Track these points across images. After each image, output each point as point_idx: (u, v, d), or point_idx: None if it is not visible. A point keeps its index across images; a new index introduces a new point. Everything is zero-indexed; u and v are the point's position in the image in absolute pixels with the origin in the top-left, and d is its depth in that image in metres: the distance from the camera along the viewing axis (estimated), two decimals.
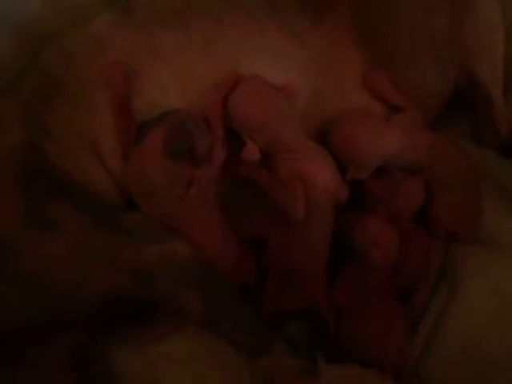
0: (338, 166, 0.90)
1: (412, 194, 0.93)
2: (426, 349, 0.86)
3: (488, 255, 0.91)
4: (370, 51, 0.94)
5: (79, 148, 0.84)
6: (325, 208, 0.85)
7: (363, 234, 0.88)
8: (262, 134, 0.84)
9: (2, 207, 0.76)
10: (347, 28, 0.94)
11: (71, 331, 0.72)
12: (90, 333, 0.72)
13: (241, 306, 0.76)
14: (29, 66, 0.91)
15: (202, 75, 0.87)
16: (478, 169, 0.97)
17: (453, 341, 0.85)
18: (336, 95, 0.95)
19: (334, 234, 0.89)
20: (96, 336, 0.71)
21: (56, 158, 0.82)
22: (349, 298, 0.86)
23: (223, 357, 0.74)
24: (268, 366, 0.74)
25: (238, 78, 0.86)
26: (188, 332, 0.74)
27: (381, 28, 0.94)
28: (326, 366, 0.75)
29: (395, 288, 0.90)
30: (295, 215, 0.83)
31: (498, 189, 0.97)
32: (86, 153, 0.84)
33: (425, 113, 0.97)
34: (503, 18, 0.91)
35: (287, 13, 0.92)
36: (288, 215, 0.83)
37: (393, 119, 0.94)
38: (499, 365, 0.82)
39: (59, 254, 0.73)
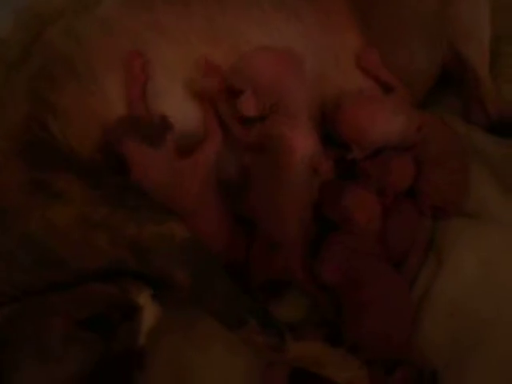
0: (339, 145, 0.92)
1: (402, 170, 0.95)
2: (416, 317, 0.88)
3: (475, 227, 0.93)
4: (363, 30, 0.95)
5: (87, 127, 0.85)
6: (300, 177, 0.86)
7: (348, 198, 0.90)
8: (269, 92, 0.83)
9: (8, 177, 0.79)
10: (343, 6, 0.95)
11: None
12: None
13: (225, 284, 0.79)
14: (35, 45, 0.93)
15: (204, 53, 0.88)
16: (466, 146, 0.98)
17: (441, 308, 0.87)
18: (335, 72, 0.95)
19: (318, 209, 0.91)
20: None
21: (60, 135, 0.84)
22: (343, 274, 0.88)
23: None
24: (242, 338, 0.79)
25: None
26: None
27: (371, 8, 0.95)
28: (292, 342, 0.79)
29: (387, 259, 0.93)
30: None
31: (485, 165, 0.98)
32: (93, 132, 0.85)
33: (414, 92, 0.97)
34: None
35: None
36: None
37: (394, 101, 0.94)
38: (486, 330, 0.85)
39: (63, 223, 0.76)
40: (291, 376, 0.83)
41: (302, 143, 0.86)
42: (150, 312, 0.75)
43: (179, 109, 0.87)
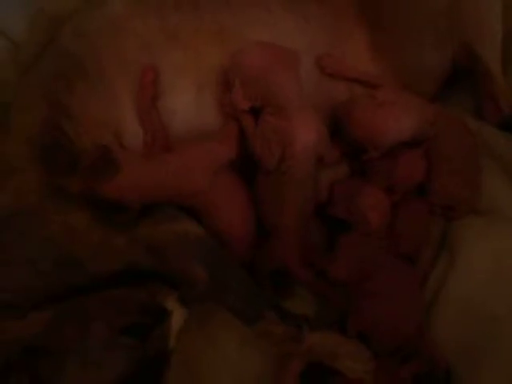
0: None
1: (410, 165, 0.95)
2: (428, 314, 0.89)
3: (486, 224, 0.93)
4: (371, 29, 0.95)
5: (99, 130, 0.86)
6: (302, 167, 0.87)
7: (363, 199, 0.91)
8: (255, 83, 0.84)
9: (26, 181, 0.80)
10: (350, 5, 0.96)
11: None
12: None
13: (241, 279, 0.81)
14: (47, 47, 0.94)
15: (213, 56, 0.89)
16: (478, 142, 0.98)
17: (453, 305, 0.88)
18: None
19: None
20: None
21: (76, 138, 0.85)
22: (350, 273, 0.89)
23: None
24: (260, 331, 0.80)
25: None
26: None
27: (379, 6, 0.95)
28: (309, 332, 0.80)
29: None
30: (266, 165, 0.86)
31: (496, 162, 0.98)
32: (105, 135, 0.86)
33: (425, 89, 0.98)
34: None
35: None
36: (261, 164, 0.87)
37: (405, 99, 0.94)
38: (498, 326, 0.85)
39: (81, 226, 0.78)
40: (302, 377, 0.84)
41: (303, 133, 0.86)
42: (178, 315, 0.77)
43: (188, 111, 0.88)
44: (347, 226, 0.93)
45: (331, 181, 0.95)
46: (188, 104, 0.88)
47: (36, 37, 1.00)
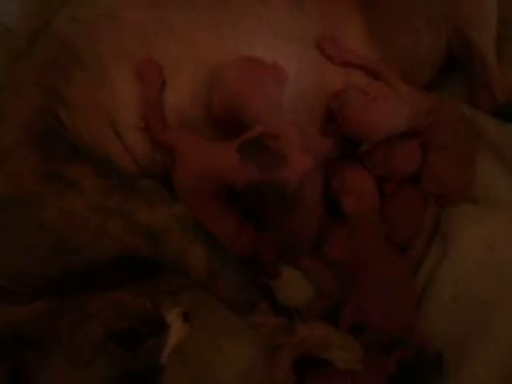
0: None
1: (406, 155, 0.95)
2: (420, 300, 0.91)
3: (479, 211, 0.94)
4: (367, 15, 0.94)
5: (95, 119, 0.86)
6: None
7: (337, 182, 0.93)
8: (229, 98, 0.84)
9: (22, 167, 0.80)
10: None
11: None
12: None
13: (235, 268, 0.81)
14: (41, 34, 0.92)
15: (210, 49, 0.88)
16: (473, 130, 0.98)
17: (444, 290, 0.89)
18: None
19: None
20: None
21: (72, 126, 0.85)
22: (348, 253, 0.90)
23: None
24: (253, 321, 0.81)
25: None
26: None
27: None
28: (301, 324, 0.82)
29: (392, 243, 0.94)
30: None
31: (490, 149, 0.98)
32: (101, 123, 0.86)
33: (419, 75, 0.98)
34: None
35: None
36: None
37: (400, 91, 0.93)
38: (488, 312, 0.86)
39: (78, 211, 0.78)
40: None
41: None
42: (177, 331, 0.76)
43: (181, 103, 0.88)
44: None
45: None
46: (183, 98, 0.88)
47: (28, 21, 0.99)
